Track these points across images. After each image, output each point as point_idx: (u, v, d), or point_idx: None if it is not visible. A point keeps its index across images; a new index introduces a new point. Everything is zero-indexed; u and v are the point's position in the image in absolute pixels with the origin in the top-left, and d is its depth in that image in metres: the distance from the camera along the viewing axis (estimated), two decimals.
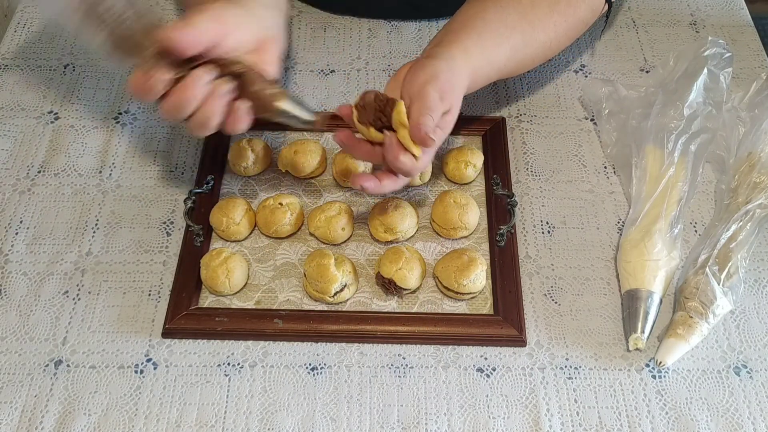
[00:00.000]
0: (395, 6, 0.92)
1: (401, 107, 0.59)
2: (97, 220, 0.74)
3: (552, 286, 0.70)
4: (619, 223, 0.74)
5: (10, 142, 0.80)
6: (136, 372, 0.64)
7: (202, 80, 0.57)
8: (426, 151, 0.60)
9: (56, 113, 0.83)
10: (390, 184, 0.62)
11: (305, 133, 0.80)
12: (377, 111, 0.60)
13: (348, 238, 0.72)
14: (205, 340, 0.66)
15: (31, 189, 0.76)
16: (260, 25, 0.64)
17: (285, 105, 0.60)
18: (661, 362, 0.63)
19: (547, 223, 0.74)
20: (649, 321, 0.65)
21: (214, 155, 0.78)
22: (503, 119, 0.81)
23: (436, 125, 0.59)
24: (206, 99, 0.57)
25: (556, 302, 0.69)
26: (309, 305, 0.68)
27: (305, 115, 0.61)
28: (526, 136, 0.82)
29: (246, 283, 0.69)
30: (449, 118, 0.62)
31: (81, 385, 0.63)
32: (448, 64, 0.63)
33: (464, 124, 0.81)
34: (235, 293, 0.68)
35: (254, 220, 0.73)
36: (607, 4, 0.78)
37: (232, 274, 0.67)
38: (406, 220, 0.70)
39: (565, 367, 0.65)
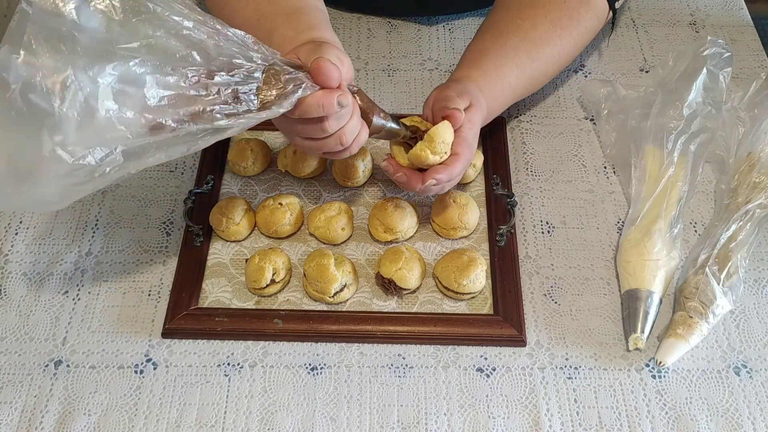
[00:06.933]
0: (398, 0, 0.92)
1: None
2: (97, 220, 0.74)
3: (552, 286, 0.70)
4: (618, 223, 0.74)
5: None
6: (136, 372, 0.64)
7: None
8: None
9: None
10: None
11: None
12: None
13: (348, 238, 0.72)
14: (204, 340, 0.66)
15: None
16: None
17: (378, 120, 0.61)
18: (661, 362, 0.63)
19: (547, 223, 0.74)
20: (649, 321, 0.65)
21: (214, 155, 0.78)
22: (503, 119, 0.81)
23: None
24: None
25: (556, 302, 0.69)
26: (309, 305, 0.68)
27: (395, 127, 0.63)
28: (526, 136, 0.82)
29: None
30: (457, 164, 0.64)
31: (81, 385, 0.63)
32: (463, 85, 0.68)
33: None
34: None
35: (254, 220, 0.73)
36: (611, 12, 0.79)
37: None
38: (405, 220, 0.70)
39: (565, 367, 0.65)
